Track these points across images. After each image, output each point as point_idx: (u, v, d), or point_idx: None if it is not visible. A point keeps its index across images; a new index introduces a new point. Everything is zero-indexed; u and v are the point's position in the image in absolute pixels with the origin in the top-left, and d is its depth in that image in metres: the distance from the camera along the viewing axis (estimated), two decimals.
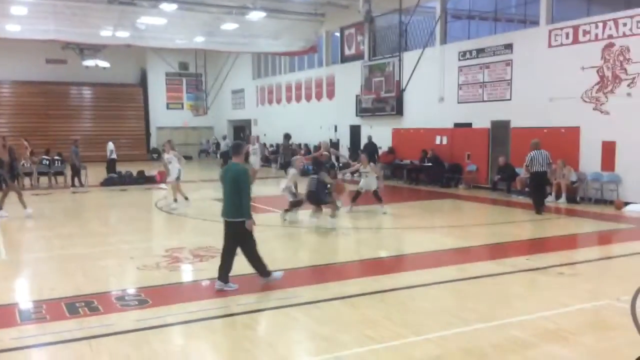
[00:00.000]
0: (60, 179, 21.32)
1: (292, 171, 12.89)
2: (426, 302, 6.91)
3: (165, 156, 15.36)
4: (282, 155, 17.96)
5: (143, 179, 21.93)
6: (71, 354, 5.37)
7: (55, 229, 12.23)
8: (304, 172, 14.82)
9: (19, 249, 10.46)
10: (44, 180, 21.04)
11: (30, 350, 5.54)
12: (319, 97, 28.74)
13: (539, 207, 13.92)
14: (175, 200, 15.18)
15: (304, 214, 12.68)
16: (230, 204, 7.37)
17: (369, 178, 13.86)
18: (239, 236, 7.47)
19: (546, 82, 16.85)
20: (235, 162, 7.50)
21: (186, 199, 15.33)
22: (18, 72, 33.86)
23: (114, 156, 23.05)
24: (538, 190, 14.24)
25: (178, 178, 15.06)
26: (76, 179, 20.52)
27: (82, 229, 12.38)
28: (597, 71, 15.48)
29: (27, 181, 20.71)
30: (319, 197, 11.93)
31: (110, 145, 23.11)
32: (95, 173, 22.18)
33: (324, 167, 13.51)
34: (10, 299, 7.32)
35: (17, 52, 31.59)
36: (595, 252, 10.34)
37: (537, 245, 10.33)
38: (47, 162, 21.19)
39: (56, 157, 21.57)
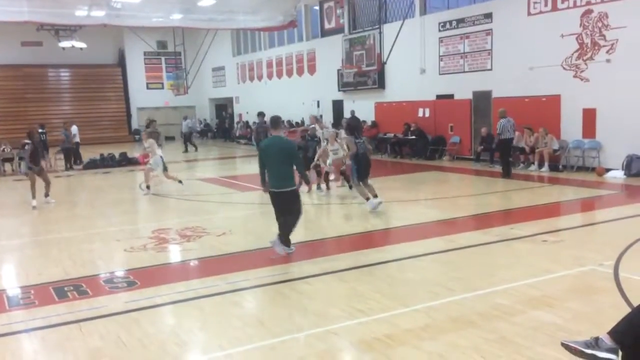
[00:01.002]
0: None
1: None
2: (414, 274, 7.00)
3: (144, 145, 14.96)
4: (256, 133, 17.92)
5: (126, 161, 21.76)
6: (62, 337, 5.37)
7: (40, 214, 12.14)
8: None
9: (4, 234, 10.36)
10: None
11: (21, 336, 5.54)
12: (300, 72, 28.56)
13: (509, 171, 15.08)
14: (148, 187, 14.55)
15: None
16: (279, 175, 7.67)
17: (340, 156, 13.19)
18: (289, 204, 7.80)
19: (526, 51, 16.87)
20: (276, 135, 7.90)
21: (180, 182, 14.75)
22: None
23: (78, 140, 22.40)
24: (508, 155, 15.33)
25: (165, 168, 14.56)
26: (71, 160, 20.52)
27: (67, 213, 12.29)
28: (577, 38, 15.52)
29: (7, 167, 20.46)
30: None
31: (74, 129, 22.28)
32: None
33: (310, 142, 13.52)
34: None
35: None
36: (578, 219, 10.50)
37: (521, 214, 10.46)
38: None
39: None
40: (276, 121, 8.12)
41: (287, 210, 7.86)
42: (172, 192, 14.48)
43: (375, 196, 10.89)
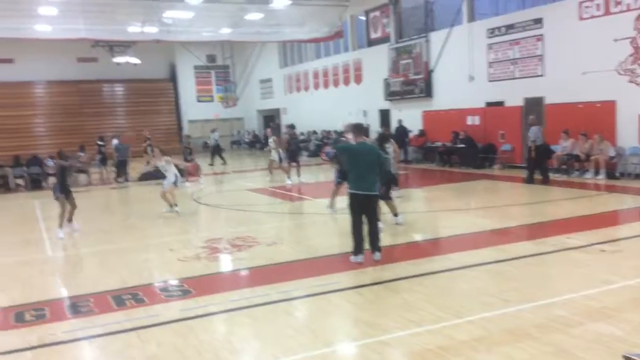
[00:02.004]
0: (95, 175, 21.84)
1: None
2: (466, 285, 6.90)
3: (158, 164, 13.60)
4: (287, 144, 18.36)
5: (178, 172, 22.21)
6: (121, 345, 5.53)
7: (97, 225, 12.53)
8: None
9: (64, 245, 10.75)
10: (82, 178, 21.52)
11: (82, 343, 5.73)
12: (346, 82, 28.64)
13: (546, 176, 15.23)
14: (173, 205, 13.27)
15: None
16: (369, 179, 7.88)
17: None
18: (373, 208, 8.06)
19: (579, 56, 16.45)
20: (362, 141, 8.20)
21: (175, 205, 13.17)
22: (51, 72, 34.49)
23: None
24: (544, 162, 15.51)
25: (175, 183, 13.30)
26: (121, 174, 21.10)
27: (122, 224, 12.66)
28: (631, 42, 15.05)
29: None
30: None
31: (115, 142, 22.33)
32: (130, 168, 22.55)
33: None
34: (59, 293, 7.58)
35: (50, 53, 32.13)
36: (637, 228, 10.11)
37: (577, 224, 10.16)
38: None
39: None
40: (360, 128, 8.40)
41: (372, 214, 8.03)
42: (222, 203, 14.73)
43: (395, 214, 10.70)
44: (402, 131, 22.33)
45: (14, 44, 28.01)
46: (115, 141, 22.23)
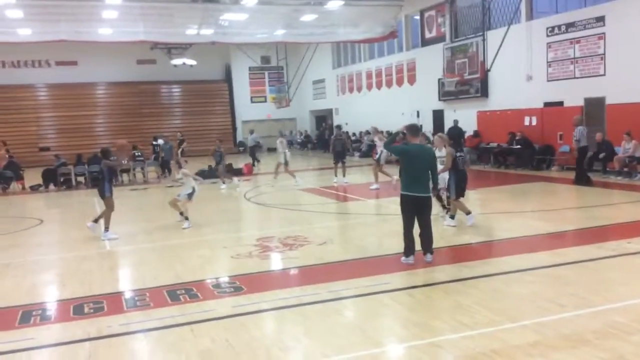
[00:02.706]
0: (151, 173, 22.50)
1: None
2: (521, 288, 6.73)
3: (176, 176, 13.09)
4: (333, 145, 18.48)
5: (231, 172, 22.58)
6: (175, 339, 5.66)
7: (153, 221, 12.86)
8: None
9: (121, 240, 11.08)
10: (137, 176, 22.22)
11: (137, 335, 5.90)
12: (400, 82, 28.43)
13: (587, 178, 15.00)
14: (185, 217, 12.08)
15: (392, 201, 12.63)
16: (423, 181, 7.90)
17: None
18: (429, 209, 8.10)
19: None
20: (417, 143, 8.22)
21: (186, 218, 11.97)
22: (111, 73, 35.73)
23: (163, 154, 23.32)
24: (584, 163, 15.28)
25: (190, 196, 12.11)
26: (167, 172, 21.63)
27: (177, 221, 12.92)
28: None
29: (125, 177, 21.93)
30: None
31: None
32: (188, 167, 23.05)
33: None
34: (116, 287, 7.82)
35: (110, 55, 33.30)
36: None
37: (638, 228, 9.76)
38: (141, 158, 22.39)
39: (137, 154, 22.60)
40: (416, 129, 8.35)
41: (425, 215, 8.00)
42: (275, 202, 14.87)
43: (452, 216, 10.55)
44: (457, 132, 21.98)
45: (77, 47, 29.19)
46: (160, 141, 22.92)
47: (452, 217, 10.48)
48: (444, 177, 10.56)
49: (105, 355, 5.40)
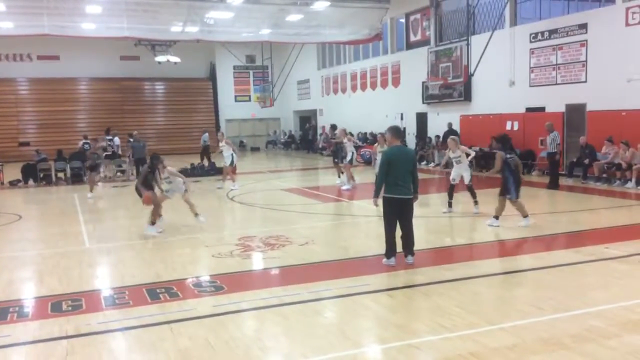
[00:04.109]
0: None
1: None
2: (501, 291, 6.80)
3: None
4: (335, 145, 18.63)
5: (214, 170, 22.51)
6: (154, 337, 5.62)
7: (133, 219, 12.76)
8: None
9: (101, 237, 11.00)
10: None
11: (116, 334, 5.84)
12: (384, 85, 28.54)
13: (557, 183, 15.54)
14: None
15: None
16: (405, 183, 7.87)
17: (462, 165, 12.08)
18: (411, 211, 8.05)
19: (624, 63, 16.06)
20: (398, 144, 8.17)
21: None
22: (94, 69, 35.39)
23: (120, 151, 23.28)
24: (557, 168, 15.80)
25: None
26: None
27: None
28: None
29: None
30: None
31: (117, 140, 23.26)
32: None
33: None
34: (95, 285, 7.75)
35: (93, 50, 32.99)
36: None
37: (616, 233, 9.91)
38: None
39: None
40: (398, 130, 8.39)
41: (407, 217, 8.00)
42: (258, 202, 14.83)
43: (497, 217, 10.64)
44: (452, 135, 22.09)
45: (59, 42, 28.87)
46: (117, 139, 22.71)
47: (497, 217, 10.55)
48: (459, 173, 12.00)
49: (83, 353, 5.34)
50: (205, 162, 23.15)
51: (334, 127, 20.94)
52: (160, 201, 11.58)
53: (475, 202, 12.04)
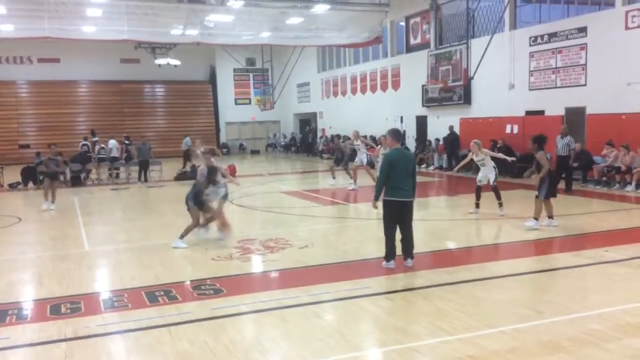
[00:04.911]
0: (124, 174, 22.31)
1: None
2: (501, 295, 6.78)
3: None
4: (341, 152, 18.73)
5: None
6: (153, 340, 5.61)
7: (133, 222, 12.77)
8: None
9: (100, 240, 10.99)
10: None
11: (114, 337, 5.83)
12: (384, 88, 28.56)
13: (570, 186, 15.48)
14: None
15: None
16: (405, 186, 7.87)
17: (487, 168, 12.14)
18: (411, 213, 8.06)
19: (623, 66, 16.08)
20: (398, 147, 8.18)
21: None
22: (94, 71, 35.40)
23: (114, 154, 22.60)
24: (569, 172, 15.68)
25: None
26: (142, 175, 21.30)
27: (158, 221, 12.87)
28: None
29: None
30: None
31: (112, 143, 22.56)
32: (168, 168, 22.92)
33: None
34: (94, 288, 7.74)
35: (94, 53, 33.03)
36: None
37: (616, 237, 9.90)
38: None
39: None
40: (398, 133, 8.38)
41: (407, 220, 8.00)
42: (258, 205, 14.82)
43: (551, 217, 10.65)
44: (454, 138, 22.14)
45: (60, 44, 28.90)
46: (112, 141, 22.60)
47: (536, 219, 10.55)
48: (486, 174, 12.07)
49: (81, 356, 5.33)
50: (188, 167, 22.87)
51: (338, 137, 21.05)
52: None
53: (500, 204, 12.05)
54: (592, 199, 14.32)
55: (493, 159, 12.38)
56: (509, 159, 14.04)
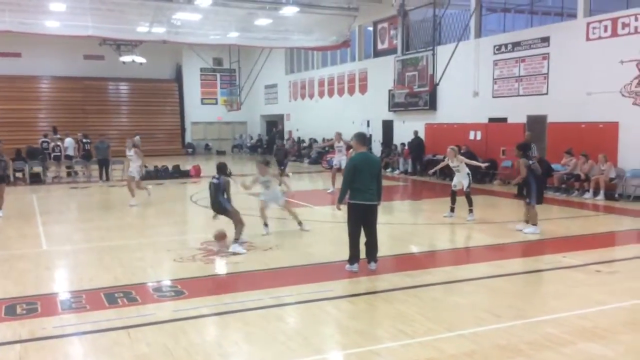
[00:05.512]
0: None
1: None
2: (460, 299, 6.88)
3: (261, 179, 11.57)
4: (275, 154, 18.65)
5: (178, 173, 22.27)
6: (110, 343, 5.51)
7: (94, 222, 12.53)
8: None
9: (59, 240, 10.74)
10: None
11: (71, 338, 5.71)
12: (351, 91, 28.69)
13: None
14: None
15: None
16: (370, 190, 7.87)
17: (461, 174, 12.33)
18: (375, 217, 8.08)
19: (584, 76, 16.51)
20: (364, 151, 8.15)
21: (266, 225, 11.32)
22: (57, 67, 34.64)
23: (69, 153, 22.39)
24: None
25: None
26: (103, 173, 20.95)
27: (119, 222, 12.65)
28: (637, 65, 15.09)
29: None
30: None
31: (68, 142, 22.36)
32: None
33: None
34: (51, 288, 7.56)
35: (56, 48, 32.28)
36: (634, 250, 10.08)
37: (573, 243, 10.15)
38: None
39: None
40: (364, 137, 8.40)
41: (372, 223, 8.04)
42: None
43: (527, 222, 10.88)
44: (418, 143, 22.35)
45: (22, 39, 28.22)
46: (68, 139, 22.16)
47: (535, 224, 10.69)
48: (460, 180, 12.26)
49: (37, 358, 5.21)
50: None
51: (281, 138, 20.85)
52: (263, 211, 11.09)
53: (470, 210, 12.24)
54: (551, 206, 14.61)
55: (468, 165, 12.55)
56: (483, 165, 14.39)
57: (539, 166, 10.85)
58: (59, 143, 21.79)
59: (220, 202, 9.49)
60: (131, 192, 14.75)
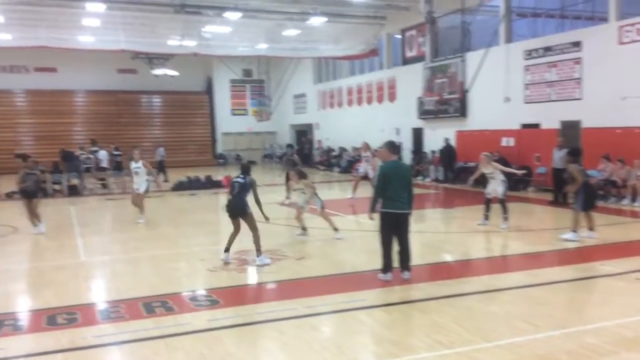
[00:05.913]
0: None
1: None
2: (497, 308, 6.79)
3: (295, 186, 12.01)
4: (285, 162, 18.67)
5: (210, 184, 22.52)
6: (148, 352, 5.60)
7: (129, 232, 12.73)
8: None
9: (97, 251, 10.96)
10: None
11: (111, 348, 5.82)
12: (380, 100, 28.66)
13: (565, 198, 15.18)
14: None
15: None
16: (402, 198, 7.87)
17: (496, 181, 12.14)
18: (407, 225, 8.04)
19: (618, 80, 16.20)
20: (394, 159, 8.20)
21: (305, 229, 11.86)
22: (91, 81, 35.42)
23: (104, 165, 22.75)
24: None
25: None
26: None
27: (154, 232, 12.84)
28: None
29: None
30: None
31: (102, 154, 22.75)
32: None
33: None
34: (90, 298, 7.71)
35: (90, 63, 33.02)
36: None
37: (613, 250, 9.94)
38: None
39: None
40: (393, 145, 8.42)
41: (404, 232, 8.00)
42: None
43: (591, 229, 10.69)
44: (449, 150, 22.21)
45: (57, 54, 28.95)
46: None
47: (574, 231, 10.57)
48: (494, 187, 12.04)
49: None
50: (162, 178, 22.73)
51: (290, 146, 20.91)
52: (298, 216, 11.70)
53: (505, 218, 12.01)
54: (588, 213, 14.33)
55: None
56: (520, 172, 14.18)
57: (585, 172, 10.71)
58: (91, 155, 22.23)
59: (243, 202, 9.59)
60: (139, 207, 14.08)
